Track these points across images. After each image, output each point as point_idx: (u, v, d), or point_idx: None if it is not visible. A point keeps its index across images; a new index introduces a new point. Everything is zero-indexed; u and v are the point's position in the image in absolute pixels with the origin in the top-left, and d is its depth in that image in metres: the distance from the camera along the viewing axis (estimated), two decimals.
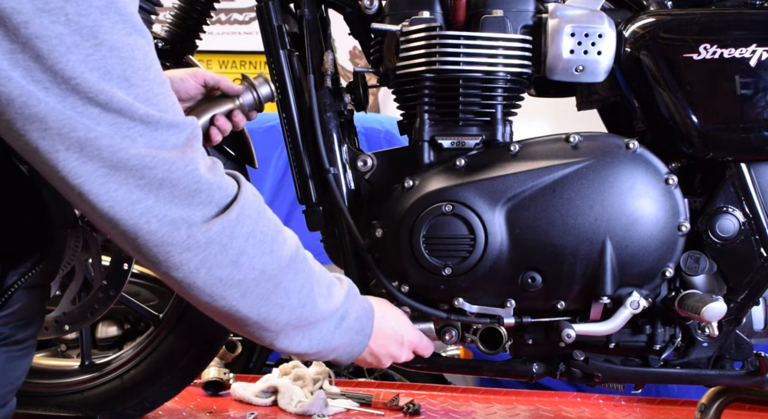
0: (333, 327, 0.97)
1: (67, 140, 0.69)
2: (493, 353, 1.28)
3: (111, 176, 0.72)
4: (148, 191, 0.74)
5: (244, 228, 0.83)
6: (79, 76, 0.69)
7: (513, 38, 1.21)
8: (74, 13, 0.68)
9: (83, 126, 0.69)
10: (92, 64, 0.69)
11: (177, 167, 0.76)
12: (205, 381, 1.73)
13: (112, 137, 0.71)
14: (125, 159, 0.72)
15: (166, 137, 0.75)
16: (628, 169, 1.19)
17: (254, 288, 0.86)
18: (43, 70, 0.67)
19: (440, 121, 1.24)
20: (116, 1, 0.71)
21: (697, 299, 1.17)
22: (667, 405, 1.72)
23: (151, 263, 0.79)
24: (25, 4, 0.66)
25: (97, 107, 0.70)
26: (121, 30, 0.71)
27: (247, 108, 1.20)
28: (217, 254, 0.81)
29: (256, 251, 0.85)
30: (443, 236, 1.19)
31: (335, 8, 1.34)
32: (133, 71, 0.72)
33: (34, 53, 0.67)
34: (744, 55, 1.18)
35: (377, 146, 2.33)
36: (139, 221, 0.75)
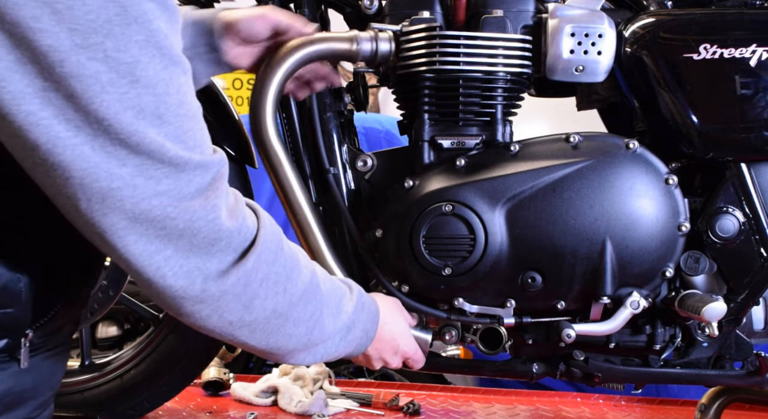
0: (338, 340, 0.97)
1: (89, 190, 0.67)
2: (493, 353, 1.28)
3: (131, 229, 0.70)
4: (167, 241, 0.73)
5: (259, 274, 0.82)
6: (113, 117, 0.66)
7: (513, 38, 1.21)
8: (113, 49, 0.65)
9: (106, 174, 0.67)
10: (127, 103, 0.67)
11: (199, 216, 0.74)
12: (205, 381, 1.73)
13: (135, 185, 0.69)
14: (147, 210, 0.70)
15: (191, 177, 0.72)
16: (628, 169, 1.19)
17: (264, 326, 0.85)
18: (75, 110, 0.65)
19: (440, 121, 1.24)
20: (156, 34, 0.68)
21: (697, 299, 1.17)
22: (667, 405, 1.72)
23: (164, 306, 0.79)
24: (64, 41, 0.63)
25: (127, 148, 0.68)
26: (158, 64, 0.69)
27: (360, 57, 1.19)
28: (230, 303, 0.80)
29: (269, 293, 0.84)
30: (443, 236, 1.19)
31: (335, 8, 1.34)
32: (166, 108, 0.70)
33: (67, 92, 0.64)
34: (744, 55, 1.18)
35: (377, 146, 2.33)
36: (155, 274, 0.74)
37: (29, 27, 0.62)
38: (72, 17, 0.63)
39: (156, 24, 0.68)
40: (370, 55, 1.20)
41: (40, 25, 0.62)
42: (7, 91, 0.63)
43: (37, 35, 0.62)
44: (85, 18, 0.64)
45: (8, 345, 0.77)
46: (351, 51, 1.20)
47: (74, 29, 0.63)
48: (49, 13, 0.62)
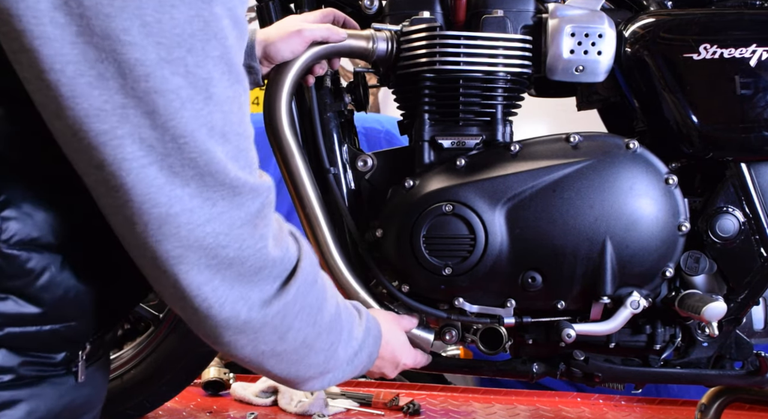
0: (346, 366, 0.98)
1: (147, 215, 0.66)
2: (494, 353, 1.28)
3: (184, 257, 0.69)
4: (216, 271, 0.72)
5: (297, 306, 0.82)
6: (189, 135, 0.65)
7: (513, 38, 1.21)
8: (193, 64, 0.64)
9: (167, 200, 0.66)
10: (202, 120, 0.66)
11: (248, 245, 0.74)
12: (205, 381, 1.73)
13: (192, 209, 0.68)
14: (201, 238, 0.69)
15: (244, 201, 0.72)
16: (628, 169, 1.19)
17: (291, 356, 0.86)
18: (153, 127, 0.64)
19: (440, 121, 1.24)
20: (229, 51, 0.68)
21: (698, 299, 1.17)
22: (667, 405, 1.72)
23: (201, 334, 0.78)
24: (151, 54, 0.62)
25: (194, 168, 0.67)
26: (227, 81, 0.68)
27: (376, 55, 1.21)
28: (267, 334, 0.80)
29: (302, 325, 0.84)
30: (443, 235, 1.19)
31: (336, 8, 1.34)
32: (230, 126, 0.69)
33: (148, 109, 0.63)
34: (744, 55, 1.18)
35: (377, 146, 2.32)
36: (202, 305, 0.73)
37: (119, 39, 0.60)
38: (160, 30, 0.62)
39: (230, 41, 0.68)
40: (385, 54, 1.21)
41: (129, 38, 0.61)
42: (82, 108, 0.62)
43: (125, 48, 0.61)
44: (171, 32, 0.62)
45: (66, 357, 0.76)
46: (368, 49, 1.20)
47: (160, 43, 0.62)
48: (139, 25, 0.61)
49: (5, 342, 0.69)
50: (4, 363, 0.69)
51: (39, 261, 0.70)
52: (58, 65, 0.60)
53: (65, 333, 0.74)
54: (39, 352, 0.72)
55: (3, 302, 0.68)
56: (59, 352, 0.75)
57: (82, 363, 0.78)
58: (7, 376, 0.69)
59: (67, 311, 0.73)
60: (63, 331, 0.73)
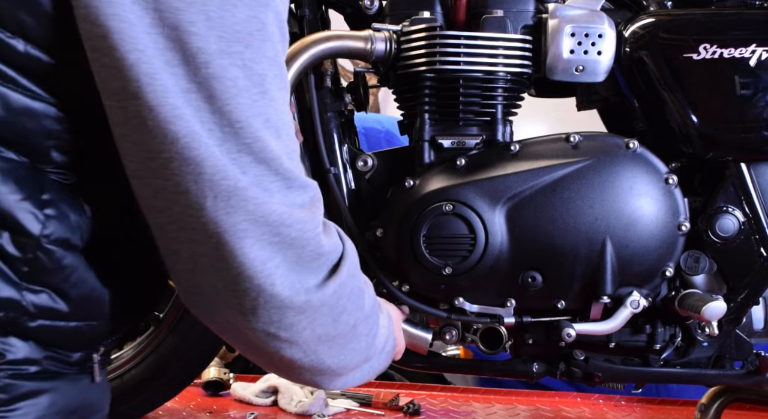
0: (380, 352, 0.98)
1: (217, 187, 0.70)
2: (494, 353, 1.28)
3: (251, 231, 0.72)
4: (278, 249, 0.74)
5: (347, 288, 0.84)
6: (245, 120, 0.70)
7: (513, 38, 1.21)
8: (250, 59, 0.70)
9: (234, 174, 0.70)
10: (257, 110, 0.71)
11: (309, 228, 0.77)
12: (205, 381, 1.73)
13: (255, 190, 0.71)
14: (267, 214, 0.72)
15: (296, 195, 0.75)
16: (628, 169, 1.19)
17: (341, 341, 0.87)
18: (212, 112, 0.68)
19: (440, 121, 1.24)
20: (281, 55, 0.74)
21: (697, 299, 1.17)
22: (667, 405, 1.72)
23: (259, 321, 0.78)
24: (212, 45, 0.68)
25: (251, 154, 0.71)
26: (279, 83, 0.73)
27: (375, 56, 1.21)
28: (324, 315, 0.81)
29: (353, 308, 0.86)
30: (444, 235, 1.19)
31: (335, 8, 1.34)
32: (283, 125, 0.74)
33: (207, 93, 0.68)
34: (744, 55, 1.19)
35: (377, 146, 2.32)
36: (266, 281, 0.74)
37: (185, 30, 0.67)
38: (222, 25, 0.68)
39: (279, 47, 0.74)
40: (384, 54, 1.21)
41: (194, 29, 0.67)
42: (159, 84, 0.67)
43: (191, 37, 0.67)
44: (232, 28, 0.69)
45: (81, 357, 0.79)
46: (366, 50, 1.21)
47: (222, 36, 0.68)
48: (204, 19, 0.67)
49: (36, 334, 0.72)
50: (31, 354, 0.73)
51: (71, 260, 0.73)
52: (140, 46, 0.66)
53: (86, 332, 0.77)
54: (61, 349, 0.76)
55: (39, 295, 0.72)
56: (77, 351, 0.78)
57: (98, 365, 0.82)
58: (33, 367, 0.73)
59: (90, 310, 0.76)
60: (85, 330, 0.77)
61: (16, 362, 0.71)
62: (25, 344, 0.72)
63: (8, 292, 0.69)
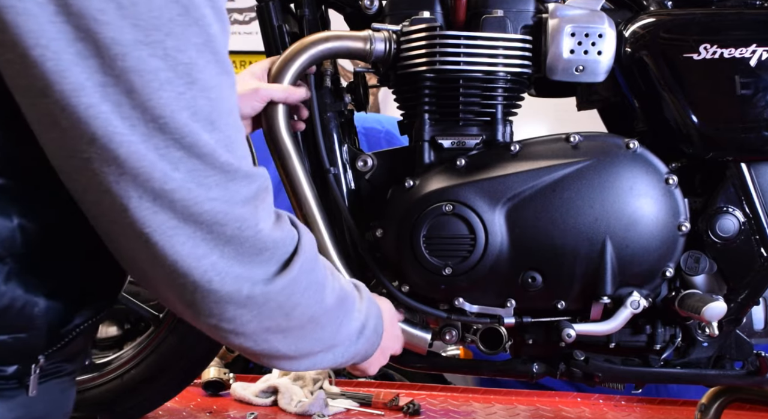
0: (356, 339, 0.97)
1: (141, 188, 0.66)
2: (494, 353, 1.28)
3: (180, 229, 0.69)
4: (214, 246, 0.72)
5: (302, 284, 0.82)
6: (169, 116, 0.66)
7: (513, 38, 1.21)
8: (172, 48, 0.65)
9: (161, 175, 0.67)
10: (183, 103, 0.66)
11: (247, 226, 0.73)
12: (205, 381, 1.73)
13: (189, 187, 0.68)
14: (197, 213, 0.69)
15: (239, 187, 0.72)
16: (628, 169, 1.19)
17: (298, 332, 0.85)
18: (132, 107, 0.64)
19: (440, 121, 1.24)
20: (213, 41, 0.68)
21: (698, 299, 1.17)
22: (667, 405, 1.72)
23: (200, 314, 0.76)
24: (127, 35, 0.63)
25: (181, 150, 0.67)
26: (213, 69, 0.69)
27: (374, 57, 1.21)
28: (272, 310, 0.79)
29: (309, 302, 0.84)
30: (443, 235, 1.19)
31: (335, 8, 1.34)
32: (218, 114, 0.69)
33: (126, 87, 0.64)
34: (744, 55, 1.18)
35: (377, 146, 2.32)
36: (202, 278, 0.72)
37: (95, 19, 0.62)
38: (136, 13, 0.63)
39: (214, 29, 0.68)
40: (383, 55, 1.21)
41: (105, 18, 0.62)
42: (69, 82, 0.62)
43: (101, 27, 0.62)
44: (148, 15, 0.64)
45: (18, 371, 0.74)
46: (365, 50, 1.20)
47: (137, 25, 0.63)
48: (115, 7, 0.62)
49: None
50: None
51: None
52: (43, 40, 0.61)
53: (14, 344, 0.72)
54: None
55: None
56: (11, 365, 0.73)
57: (35, 377, 0.76)
58: None
59: (14, 322, 0.72)
60: (12, 343, 0.72)
61: None
62: None
63: None
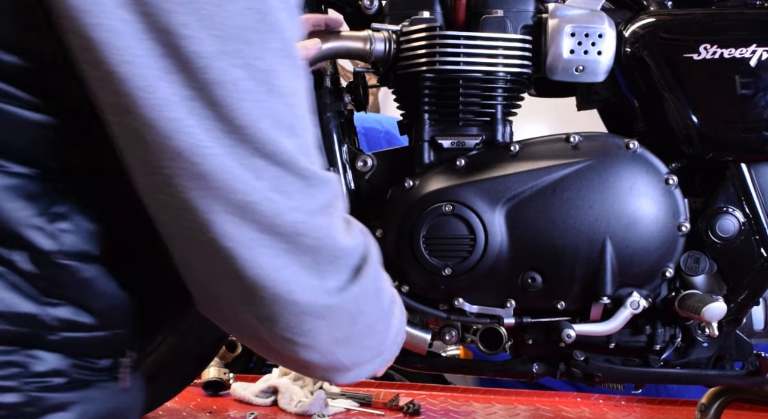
0: (391, 345, 0.95)
1: (227, 201, 0.66)
2: (494, 353, 1.28)
3: (261, 240, 0.69)
4: (293, 256, 0.71)
5: (369, 290, 0.81)
6: (251, 125, 0.66)
7: (513, 38, 1.21)
8: (252, 56, 0.65)
9: (243, 186, 0.66)
10: (264, 111, 0.66)
11: (325, 235, 0.73)
12: (205, 381, 1.73)
13: (271, 197, 0.68)
14: (279, 224, 0.69)
15: (316, 193, 0.72)
16: (628, 169, 1.19)
17: (357, 340, 0.84)
18: (216, 119, 0.64)
19: (440, 121, 1.24)
20: (289, 45, 0.68)
21: (698, 300, 1.17)
22: (667, 405, 1.72)
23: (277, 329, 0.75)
24: (208, 47, 0.63)
25: (263, 158, 0.67)
26: (290, 73, 0.68)
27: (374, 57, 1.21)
28: (342, 319, 0.78)
29: (372, 308, 0.84)
30: (443, 236, 1.19)
31: (335, 8, 1.34)
32: (296, 120, 0.69)
33: (210, 100, 0.64)
34: (744, 55, 1.18)
35: (377, 146, 2.32)
36: (284, 289, 0.71)
37: (178, 33, 0.62)
38: (216, 23, 0.63)
39: (288, 33, 0.68)
40: (383, 55, 1.21)
41: (188, 32, 0.62)
42: (155, 98, 0.63)
43: (185, 41, 0.62)
44: (227, 24, 0.63)
45: (110, 364, 0.77)
46: (365, 50, 1.21)
47: (218, 36, 0.63)
48: (196, 20, 0.62)
49: (60, 347, 0.71)
50: (58, 366, 0.71)
51: (90, 271, 0.71)
52: (130, 57, 0.61)
53: (111, 340, 0.75)
54: (87, 357, 0.74)
55: (60, 309, 0.70)
56: (104, 358, 0.76)
57: (126, 370, 0.79)
58: (61, 379, 0.71)
59: (114, 319, 0.74)
60: (109, 338, 0.75)
61: (43, 374, 0.69)
62: (51, 355, 0.70)
63: (27, 307, 0.68)
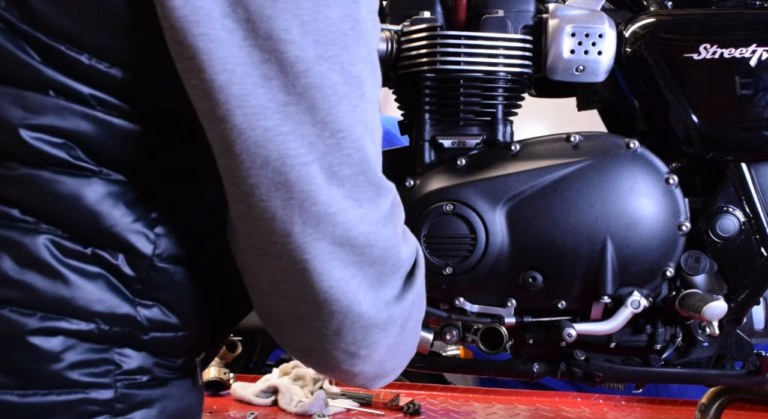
0: (412, 348, 0.92)
1: (307, 213, 0.66)
2: (494, 353, 1.28)
3: (335, 253, 0.68)
4: (360, 267, 0.71)
5: (419, 297, 0.81)
6: (347, 129, 0.66)
7: (514, 38, 1.21)
8: (347, 61, 0.65)
9: (326, 199, 0.66)
10: (358, 115, 0.67)
11: (391, 245, 0.73)
12: (205, 381, 1.73)
13: (346, 207, 0.68)
14: (353, 236, 0.69)
15: (381, 202, 0.72)
16: (628, 168, 1.19)
17: (402, 347, 0.84)
18: (313, 124, 0.64)
19: (441, 121, 1.24)
20: (375, 54, 0.69)
21: (698, 299, 1.17)
22: (667, 405, 1.72)
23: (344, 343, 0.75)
24: (309, 51, 0.63)
25: (352, 166, 0.67)
26: (374, 81, 0.69)
27: None
28: (396, 328, 0.78)
29: (418, 314, 0.84)
30: (444, 235, 1.19)
31: None
32: (376, 126, 0.70)
33: (308, 105, 0.64)
34: (744, 55, 1.19)
35: None
36: (353, 300, 0.71)
37: (280, 38, 0.62)
38: (317, 29, 0.63)
39: (374, 43, 0.69)
40: (384, 55, 1.21)
41: (289, 37, 0.62)
42: (250, 106, 0.62)
43: (286, 46, 0.62)
44: (327, 30, 0.64)
45: (185, 362, 0.78)
46: None
47: (318, 41, 0.63)
48: (298, 25, 0.62)
49: (148, 346, 0.72)
50: (144, 364, 0.73)
51: (181, 274, 0.73)
52: (230, 66, 0.62)
53: (191, 340, 0.77)
54: (168, 356, 0.76)
55: (151, 310, 0.72)
56: (180, 357, 0.77)
57: (198, 369, 0.82)
58: (145, 376, 0.73)
59: (194, 320, 0.76)
60: (190, 338, 0.76)
61: (131, 372, 0.71)
62: (138, 354, 0.72)
63: (125, 309, 0.69)
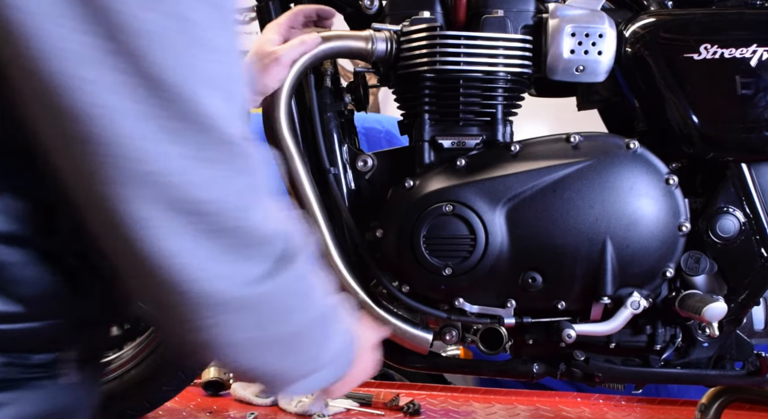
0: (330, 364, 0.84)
1: (129, 172, 0.58)
2: (494, 353, 1.28)
3: (173, 220, 0.60)
4: (207, 238, 0.62)
5: (297, 288, 0.73)
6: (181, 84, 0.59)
7: (513, 38, 1.21)
8: (186, 7, 0.59)
9: (160, 155, 0.59)
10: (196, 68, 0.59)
11: (250, 215, 0.65)
12: (205, 381, 1.73)
13: (185, 169, 0.60)
14: (194, 202, 0.61)
15: (241, 166, 0.63)
16: (628, 169, 1.19)
17: (286, 347, 0.76)
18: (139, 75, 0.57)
19: (441, 121, 1.24)
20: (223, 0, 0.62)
21: (698, 300, 1.17)
22: (667, 405, 1.72)
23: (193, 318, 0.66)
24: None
25: (189, 122, 0.59)
26: (223, 32, 0.62)
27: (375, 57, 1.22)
28: (266, 313, 0.70)
29: (300, 309, 0.74)
30: (444, 236, 1.19)
31: (335, 8, 1.34)
32: (231, 82, 0.63)
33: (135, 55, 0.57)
34: (744, 55, 1.18)
35: (377, 146, 2.32)
36: (200, 276, 0.63)
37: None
38: None
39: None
40: (384, 55, 1.21)
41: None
42: (69, 53, 0.55)
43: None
44: None
45: (47, 359, 0.70)
46: (367, 50, 1.21)
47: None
48: None
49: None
50: None
51: (16, 256, 0.65)
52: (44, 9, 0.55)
53: (46, 332, 0.68)
54: (21, 353, 0.67)
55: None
56: (39, 353, 0.69)
57: (67, 367, 0.72)
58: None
59: (47, 309, 0.68)
60: (44, 330, 0.68)
61: None
62: None
63: None
